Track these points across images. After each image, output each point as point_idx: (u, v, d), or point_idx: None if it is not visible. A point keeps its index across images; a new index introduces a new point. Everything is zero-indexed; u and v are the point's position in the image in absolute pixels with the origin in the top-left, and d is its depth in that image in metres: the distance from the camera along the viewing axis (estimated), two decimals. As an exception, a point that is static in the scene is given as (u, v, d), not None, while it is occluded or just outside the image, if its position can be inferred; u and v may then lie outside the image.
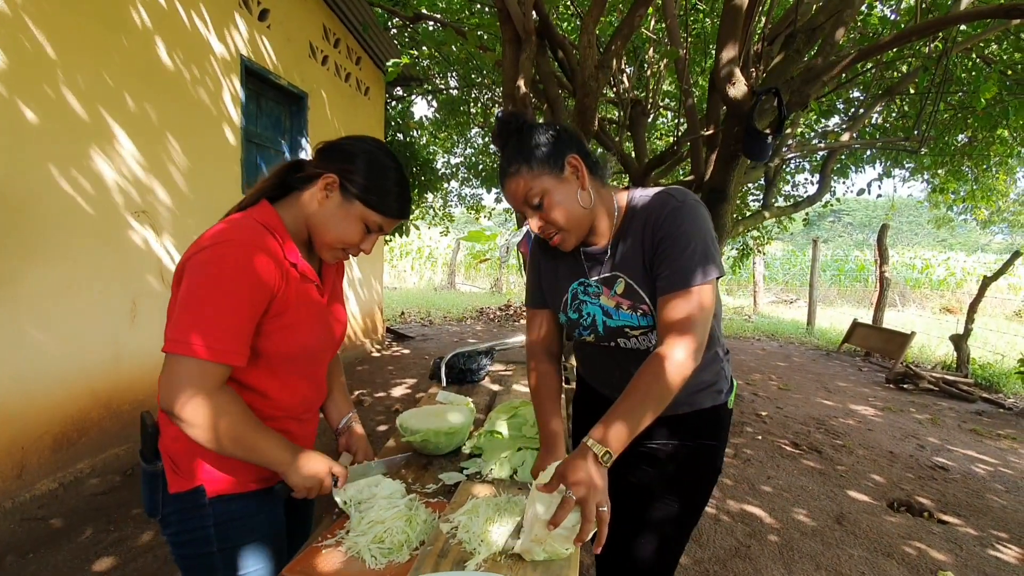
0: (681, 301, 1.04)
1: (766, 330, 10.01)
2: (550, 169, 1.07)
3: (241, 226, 0.96)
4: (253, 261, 0.92)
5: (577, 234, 1.13)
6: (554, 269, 1.28)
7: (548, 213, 1.08)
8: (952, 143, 6.02)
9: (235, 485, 1.04)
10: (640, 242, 1.12)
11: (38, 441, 2.63)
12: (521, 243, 3.10)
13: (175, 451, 1.01)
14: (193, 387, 0.88)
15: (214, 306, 0.89)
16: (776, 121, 2.49)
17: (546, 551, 0.93)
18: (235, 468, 1.03)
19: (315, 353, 1.09)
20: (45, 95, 2.59)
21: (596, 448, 0.94)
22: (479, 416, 1.79)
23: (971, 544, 2.63)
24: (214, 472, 1.02)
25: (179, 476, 1.01)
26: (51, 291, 2.66)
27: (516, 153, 1.08)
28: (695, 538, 2.53)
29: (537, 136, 1.09)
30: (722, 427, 1.27)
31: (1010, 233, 28.73)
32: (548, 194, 1.07)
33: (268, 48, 4.20)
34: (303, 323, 1.03)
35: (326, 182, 1.00)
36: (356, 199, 1.01)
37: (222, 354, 0.90)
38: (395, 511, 1.08)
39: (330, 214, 1.02)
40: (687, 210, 1.07)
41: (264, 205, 1.02)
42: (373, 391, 4.73)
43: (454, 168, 10.49)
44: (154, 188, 3.22)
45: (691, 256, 1.04)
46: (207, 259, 0.91)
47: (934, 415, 4.97)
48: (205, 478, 1.01)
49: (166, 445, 1.03)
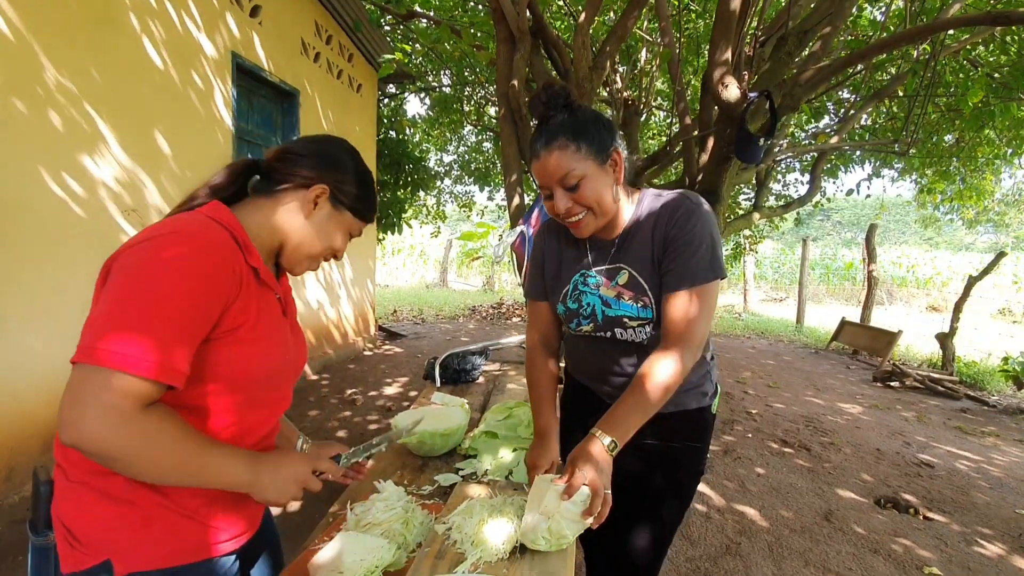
0: (687, 299, 1.09)
1: (756, 328, 10.10)
2: (595, 156, 1.08)
3: (188, 220, 0.79)
4: (202, 257, 0.75)
5: (599, 223, 1.15)
6: (558, 258, 1.30)
7: (582, 197, 1.10)
8: (940, 144, 6.10)
9: (167, 556, 0.79)
10: (650, 237, 1.15)
11: (26, 443, 2.60)
12: (515, 243, 3.10)
13: (70, 514, 0.78)
14: (108, 406, 0.66)
15: (145, 307, 0.69)
16: (768, 124, 2.51)
17: (552, 532, 0.95)
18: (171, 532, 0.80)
19: (278, 378, 0.90)
20: (34, 94, 2.55)
21: (603, 438, 1.02)
22: (474, 416, 1.80)
23: (956, 540, 2.68)
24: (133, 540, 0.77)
25: (76, 550, 0.77)
26: (39, 292, 2.62)
27: (565, 129, 1.07)
28: (686, 536, 2.56)
29: (591, 120, 1.09)
30: (706, 430, 1.31)
31: (995, 233, 29.17)
32: (587, 179, 1.08)
33: (259, 45, 4.16)
34: (264, 340, 0.85)
35: (316, 193, 0.90)
36: (347, 209, 0.95)
37: (151, 367, 0.68)
38: (392, 513, 1.09)
39: (318, 226, 0.93)
40: (701, 212, 1.12)
41: (217, 204, 0.86)
42: (366, 390, 4.72)
43: (447, 166, 10.47)
44: (144, 187, 3.18)
45: (701, 257, 1.09)
46: (141, 252, 0.73)
47: (920, 413, 5.05)
48: (117, 549, 0.77)
49: (59, 508, 0.79)
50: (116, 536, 0.77)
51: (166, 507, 0.80)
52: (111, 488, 0.78)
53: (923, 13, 4.05)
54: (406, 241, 16.68)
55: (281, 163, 0.92)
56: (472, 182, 10.28)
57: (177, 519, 0.81)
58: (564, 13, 5.96)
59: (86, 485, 0.78)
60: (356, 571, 0.91)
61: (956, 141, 6.14)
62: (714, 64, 2.57)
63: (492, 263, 14.51)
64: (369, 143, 6.15)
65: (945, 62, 4.39)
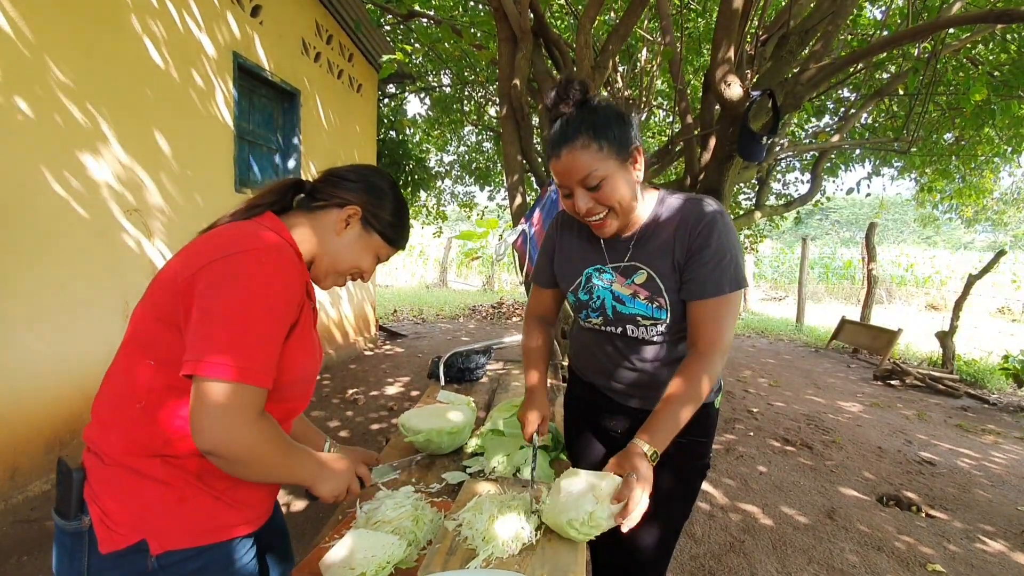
0: (715, 308, 1.10)
1: (756, 327, 10.10)
2: (617, 154, 1.06)
3: (261, 234, 0.86)
4: (286, 271, 0.83)
5: (622, 222, 1.14)
6: (570, 250, 1.30)
7: (603, 197, 1.08)
8: (940, 142, 6.11)
9: (197, 535, 0.85)
10: (671, 241, 1.14)
11: (30, 443, 2.60)
12: (516, 241, 3.11)
13: (108, 496, 0.82)
14: (242, 418, 0.76)
15: (251, 321, 0.78)
16: (771, 122, 2.52)
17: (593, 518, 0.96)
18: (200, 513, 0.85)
19: (309, 380, 0.99)
20: (35, 93, 2.55)
21: (645, 448, 1.02)
22: (479, 414, 1.80)
23: (959, 538, 2.69)
24: (168, 520, 0.83)
25: (114, 531, 0.81)
26: (42, 291, 2.62)
27: (586, 126, 1.04)
28: (690, 534, 2.56)
29: (612, 117, 1.07)
30: (711, 425, 1.32)
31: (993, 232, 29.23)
32: (609, 179, 1.07)
33: (260, 45, 4.16)
34: (307, 345, 0.94)
35: (348, 214, 0.98)
36: (376, 233, 1.02)
37: (267, 377, 0.79)
38: (402, 511, 1.09)
39: (347, 244, 0.99)
40: (726, 221, 1.12)
41: (272, 217, 0.94)
42: (367, 390, 4.72)
43: (448, 166, 10.46)
44: (146, 186, 3.18)
45: (727, 266, 1.10)
46: (234, 266, 0.79)
47: (920, 411, 5.06)
48: (153, 528, 0.82)
49: (94, 491, 0.83)
50: (151, 516, 0.82)
51: (198, 488, 0.86)
52: (148, 469, 0.83)
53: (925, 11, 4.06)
54: (405, 241, 16.62)
55: (324, 184, 1.01)
56: (472, 182, 10.27)
57: (207, 500, 0.86)
58: (565, 12, 5.97)
59: (123, 467, 0.83)
60: (368, 567, 0.91)
61: (956, 140, 6.16)
62: (716, 62, 2.57)
63: (492, 263, 14.51)
64: (369, 143, 6.14)
65: (946, 60, 4.40)
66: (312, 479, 0.92)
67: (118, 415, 0.85)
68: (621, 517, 0.95)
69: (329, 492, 0.95)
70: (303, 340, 0.92)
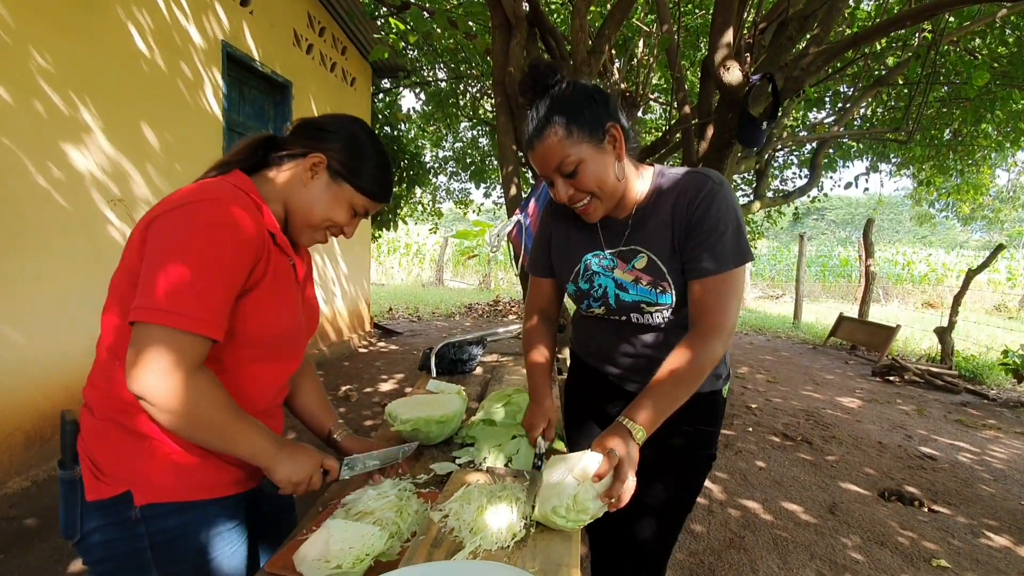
0: (716, 285, 1.04)
1: (753, 324, 10.07)
2: (590, 138, 1.01)
3: (217, 185, 0.85)
4: (236, 220, 0.81)
5: (607, 205, 1.09)
6: (566, 238, 1.24)
7: (581, 183, 1.03)
8: (939, 137, 6.09)
9: (181, 490, 0.87)
10: (670, 219, 1.08)
11: (9, 438, 2.52)
12: (512, 233, 3.04)
13: (96, 448, 0.86)
14: (170, 363, 0.74)
15: (193, 268, 0.76)
16: (771, 107, 2.46)
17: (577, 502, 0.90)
18: (185, 469, 0.87)
19: (291, 338, 0.97)
20: (16, 80, 2.47)
21: (630, 426, 0.96)
22: (471, 405, 1.73)
23: (962, 532, 2.64)
24: (152, 474, 0.85)
25: (100, 481, 0.84)
26: (22, 283, 2.54)
27: (555, 114, 1.00)
28: (690, 530, 2.50)
29: (580, 99, 1.01)
30: (718, 413, 1.26)
31: (987, 231, 29.36)
32: (586, 163, 1.01)
33: (250, 35, 4.09)
34: (280, 301, 0.92)
35: (312, 162, 0.94)
36: (344, 180, 0.97)
37: (204, 324, 0.77)
38: (385, 502, 1.02)
39: (317, 194, 0.96)
40: (725, 193, 1.05)
41: (238, 174, 0.92)
42: (361, 387, 4.65)
43: (443, 162, 10.38)
44: (131, 177, 3.10)
45: (728, 241, 1.04)
46: (181, 216, 0.79)
47: (920, 406, 5.02)
48: (137, 480, 0.84)
49: (86, 443, 0.87)
50: (137, 469, 0.85)
51: (182, 445, 0.87)
52: (135, 424, 0.85)
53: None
54: (402, 240, 16.59)
55: (294, 134, 0.98)
56: (468, 178, 10.19)
57: (191, 458, 0.87)
58: (559, 3, 5.91)
59: (112, 421, 0.86)
60: (344, 559, 0.84)
61: (954, 135, 6.13)
62: (715, 48, 2.51)
63: (488, 261, 14.44)
64: (363, 137, 6.07)
65: (946, 50, 4.36)
66: (266, 458, 0.87)
67: (102, 370, 0.88)
68: (607, 496, 0.90)
69: (285, 477, 0.89)
70: (277, 294, 0.91)
